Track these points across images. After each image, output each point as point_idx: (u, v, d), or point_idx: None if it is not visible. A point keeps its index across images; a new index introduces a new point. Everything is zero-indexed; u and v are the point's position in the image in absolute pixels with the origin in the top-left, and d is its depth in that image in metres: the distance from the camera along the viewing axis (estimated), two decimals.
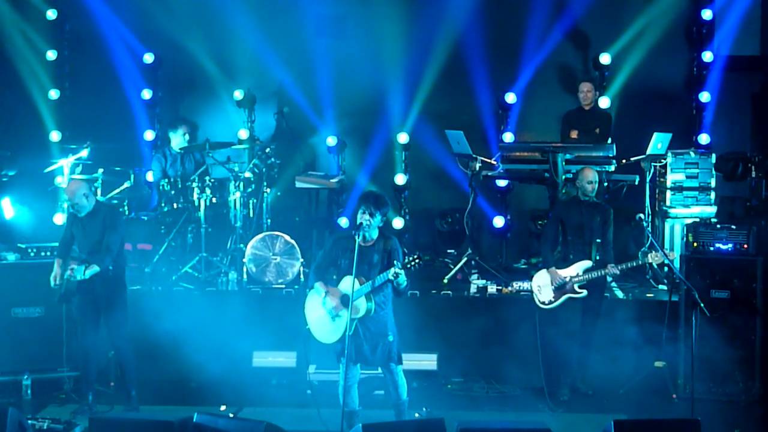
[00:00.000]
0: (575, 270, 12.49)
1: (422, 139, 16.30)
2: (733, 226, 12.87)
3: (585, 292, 12.44)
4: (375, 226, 10.74)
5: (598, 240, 12.56)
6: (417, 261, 10.56)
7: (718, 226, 12.94)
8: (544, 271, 12.67)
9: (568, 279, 12.48)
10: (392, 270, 10.46)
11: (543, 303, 12.62)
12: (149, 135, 16.58)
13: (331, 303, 10.81)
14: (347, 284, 10.65)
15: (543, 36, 16.37)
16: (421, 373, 13.01)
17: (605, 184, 14.21)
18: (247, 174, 14.84)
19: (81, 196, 12.07)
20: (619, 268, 12.41)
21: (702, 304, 11.27)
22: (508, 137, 16.10)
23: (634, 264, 12.48)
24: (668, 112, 16.21)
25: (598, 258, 12.51)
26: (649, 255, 12.28)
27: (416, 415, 11.82)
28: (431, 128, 16.20)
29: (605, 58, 16.26)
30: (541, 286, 12.65)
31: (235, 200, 14.64)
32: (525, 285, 13.60)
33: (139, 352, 12.63)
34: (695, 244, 12.86)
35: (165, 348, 12.98)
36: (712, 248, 12.81)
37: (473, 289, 14.20)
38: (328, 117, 16.62)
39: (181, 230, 14.70)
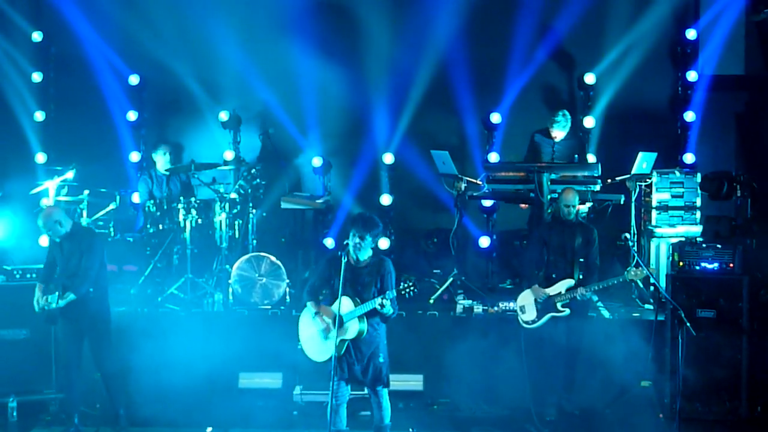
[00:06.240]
0: (558, 288, 12.49)
1: (408, 160, 16.28)
2: (719, 246, 12.89)
3: (567, 311, 12.44)
4: (367, 248, 10.77)
5: (581, 260, 12.57)
6: (412, 288, 10.59)
7: (704, 245, 12.96)
8: (528, 290, 12.68)
9: (550, 296, 12.48)
10: (378, 299, 10.49)
11: (526, 322, 12.61)
12: (135, 156, 16.54)
13: (321, 324, 10.83)
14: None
15: (528, 56, 16.38)
16: (407, 393, 13.00)
17: (591, 204, 14.23)
18: (233, 195, 14.84)
19: (53, 223, 12.05)
20: (586, 289, 12.39)
21: (688, 324, 11.25)
22: (493, 157, 16.10)
23: (605, 285, 12.46)
24: (653, 131, 16.24)
25: (581, 277, 12.52)
26: (631, 272, 12.28)
27: None
28: (417, 148, 16.19)
29: (590, 78, 16.30)
30: (525, 305, 12.64)
31: (220, 221, 14.62)
32: (511, 305, 13.58)
33: (125, 374, 12.61)
34: (681, 264, 12.87)
35: (151, 369, 12.93)
36: (697, 267, 12.83)
37: (459, 309, 14.16)
38: (313, 138, 16.61)
39: (167, 251, 14.69)
